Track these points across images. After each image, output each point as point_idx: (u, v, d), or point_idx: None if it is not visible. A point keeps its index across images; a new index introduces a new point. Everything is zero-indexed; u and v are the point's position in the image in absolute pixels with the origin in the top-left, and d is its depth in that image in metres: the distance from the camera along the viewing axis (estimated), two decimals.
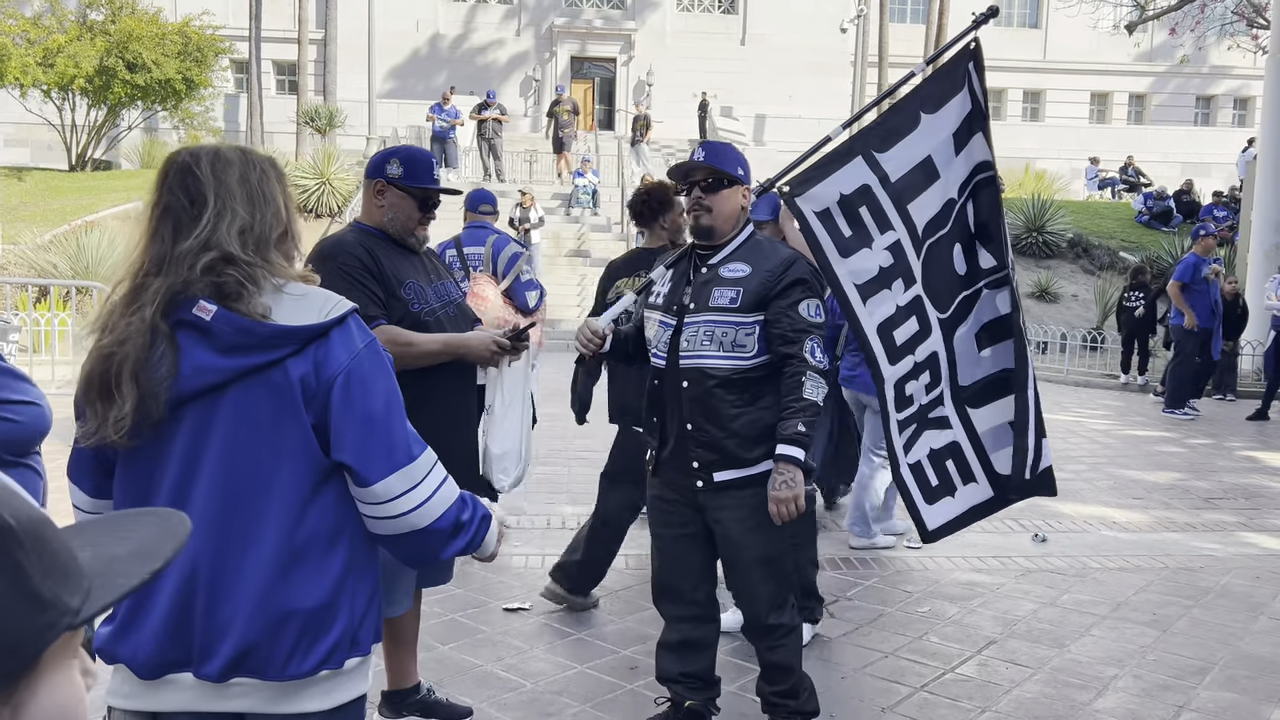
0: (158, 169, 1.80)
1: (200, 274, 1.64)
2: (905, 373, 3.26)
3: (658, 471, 3.11)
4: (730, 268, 2.97)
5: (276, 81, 29.95)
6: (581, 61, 32.14)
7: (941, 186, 3.24)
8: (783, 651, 3.09)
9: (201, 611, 1.65)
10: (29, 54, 19.11)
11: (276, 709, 1.68)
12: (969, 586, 4.96)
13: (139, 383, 1.62)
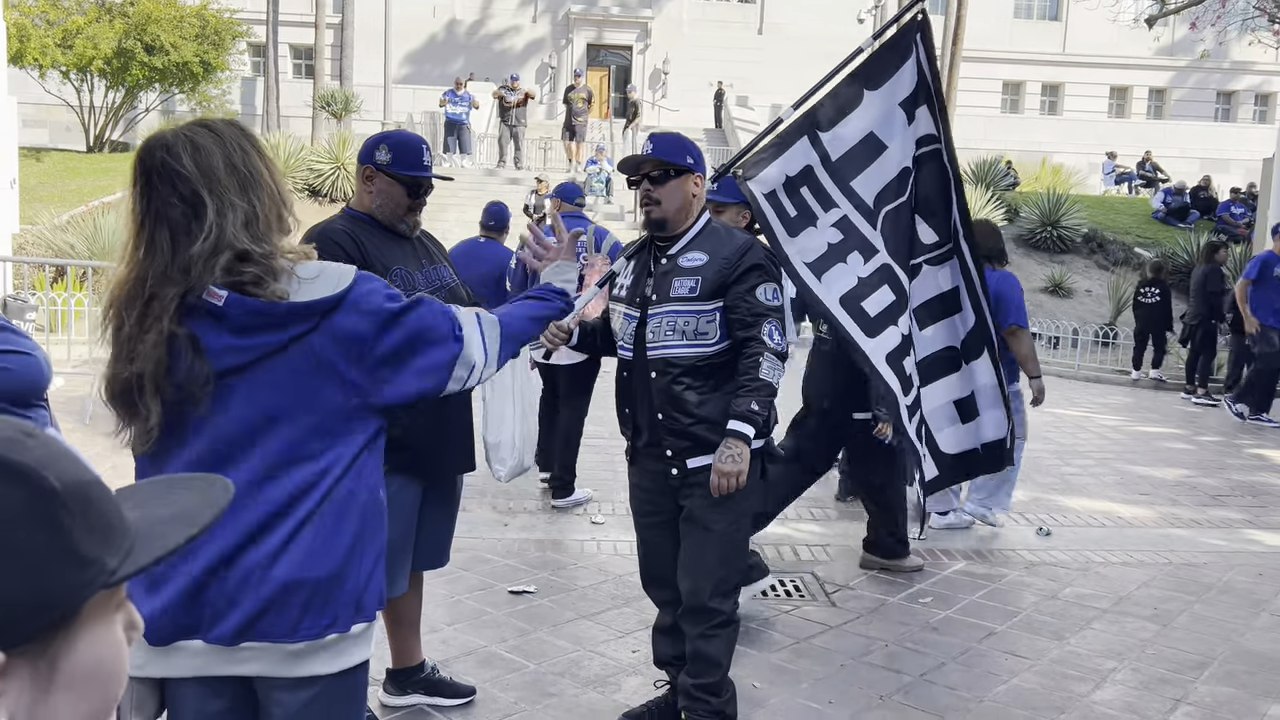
0: (131, 165, 1.71)
1: (220, 275, 1.64)
2: (895, 346, 3.23)
3: (635, 461, 3.16)
4: (688, 257, 2.98)
5: (293, 65, 30.01)
6: (598, 49, 32.08)
7: (891, 157, 3.23)
8: (716, 643, 3.05)
9: (219, 581, 1.68)
10: (48, 35, 19.21)
11: (285, 672, 1.72)
12: (970, 577, 4.99)
13: (163, 396, 1.65)
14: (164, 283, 1.64)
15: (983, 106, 32.37)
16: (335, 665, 1.75)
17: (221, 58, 21.60)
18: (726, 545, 3.01)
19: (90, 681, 0.70)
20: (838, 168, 3.24)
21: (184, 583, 1.68)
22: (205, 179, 1.65)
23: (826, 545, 5.41)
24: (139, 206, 1.68)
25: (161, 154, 1.67)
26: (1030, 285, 16.20)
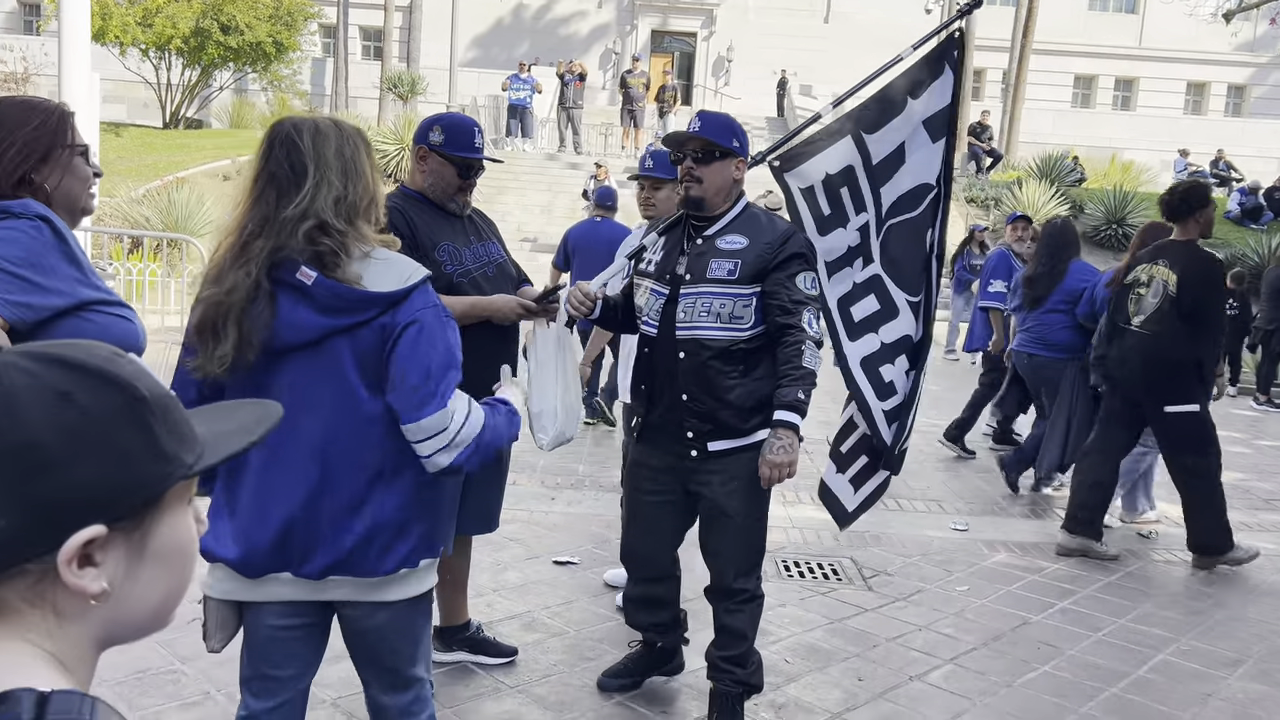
0: (263, 134, 2.02)
1: (301, 240, 1.88)
2: (872, 353, 3.27)
3: (642, 437, 3.17)
4: (727, 240, 2.97)
5: (362, 47, 30.51)
6: (662, 35, 32.11)
7: (911, 170, 3.28)
8: (740, 617, 3.12)
9: (302, 526, 1.93)
10: (129, 14, 19.80)
11: (363, 598, 2.01)
12: (1009, 569, 5.02)
13: (240, 327, 1.88)
14: (260, 232, 1.90)
15: (1052, 100, 31.76)
16: (406, 593, 2.04)
17: (293, 38, 22.05)
18: (749, 530, 3.08)
19: (171, 557, 0.85)
20: (876, 172, 3.28)
21: (275, 527, 1.93)
22: (315, 156, 1.93)
23: (867, 532, 5.47)
24: (259, 165, 1.96)
25: (289, 128, 1.96)
26: None
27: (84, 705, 0.74)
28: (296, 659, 2.06)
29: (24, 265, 1.88)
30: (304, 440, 1.92)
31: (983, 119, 21.17)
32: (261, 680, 2.06)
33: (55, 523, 0.76)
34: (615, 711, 3.32)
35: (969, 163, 20.74)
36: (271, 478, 1.94)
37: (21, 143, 1.97)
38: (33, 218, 1.93)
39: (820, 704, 3.46)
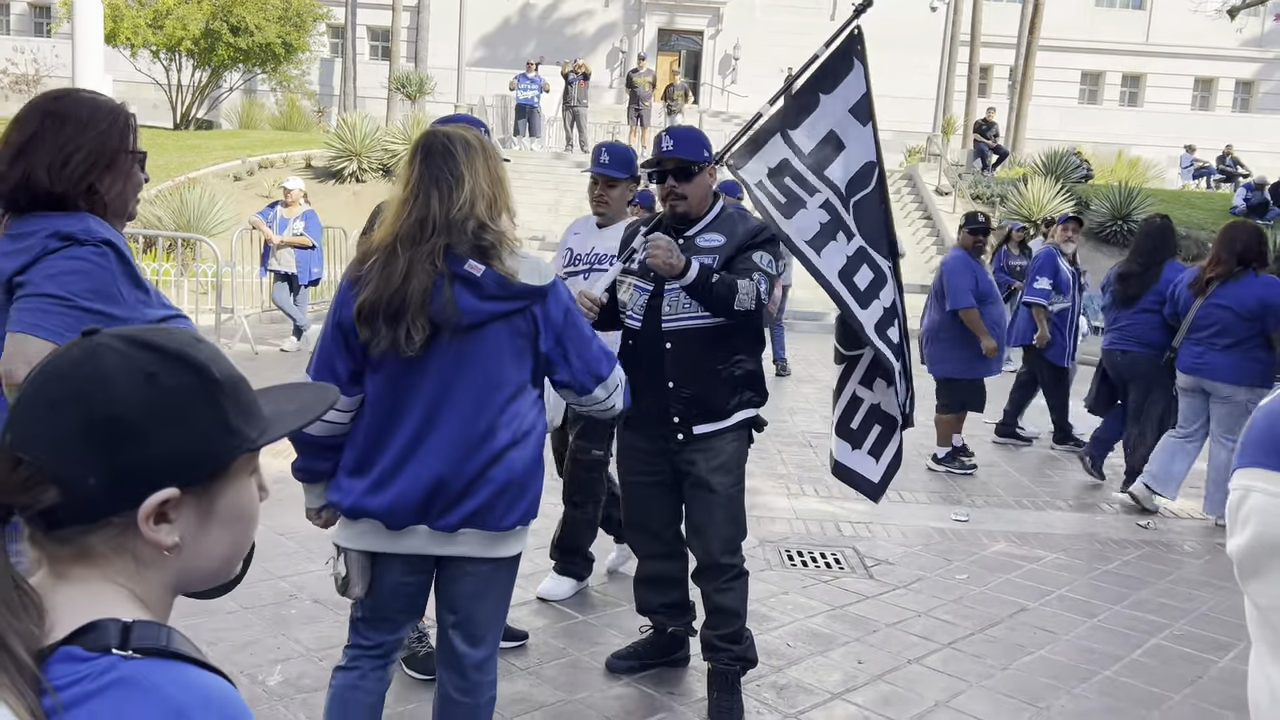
0: (415, 141, 2.29)
1: (470, 237, 2.17)
2: (880, 318, 3.46)
3: (629, 425, 3.36)
4: (706, 238, 3.20)
5: (370, 48, 30.67)
6: (669, 34, 32.20)
7: (853, 153, 3.49)
8: (730, 595, 3.27)
9: (450, 482, 2.21)
10: (140, 15, 19.99)
11: (485, 553, 2.29)
12: (1008, 558, 5.13)
13: (427, 312, 2.14)
14: (430, 230, 2.17)
15: (1059, 97, 31.79)
16: (517, 549, 2.36)
17: (302, 39, 22.24)
18: (730, 504, 3.25)
19: (235, 519, 0.98)
20: (811, 160, 3.50)
21: (426, 483, 2.20)
22: (469, 164, 2.22)
23: (869, 523, 5.59)
24: (419, 171, 2.22)
25: (444, 139, 2.24)
26: (1098, 280, 16.02)
27: (162, 632, 0.87)
28: (410, 607, 2.37)
29: (96, 298, 1.90)
30: (458, 409, 2.20)
31: (988, 115, 21.23)
32: (381, 620, 2.35)
33: (136, 484, 0.89)
34: (623, 692, 3.44)
35: (975, 159, 20.81)
36: (428, 439, 2.20)
37: (89, 149, 1.95)
38: (97, 244, 1.92)
39: (821, 685, 3.58)
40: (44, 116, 1.97)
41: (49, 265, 1.89)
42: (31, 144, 1.94)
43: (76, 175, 1.94)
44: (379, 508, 2.22)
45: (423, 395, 2.21)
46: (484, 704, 2.40)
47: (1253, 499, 1.21)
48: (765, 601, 4.32)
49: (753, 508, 5.68)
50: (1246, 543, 1.22)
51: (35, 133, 1.95)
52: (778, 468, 6.67)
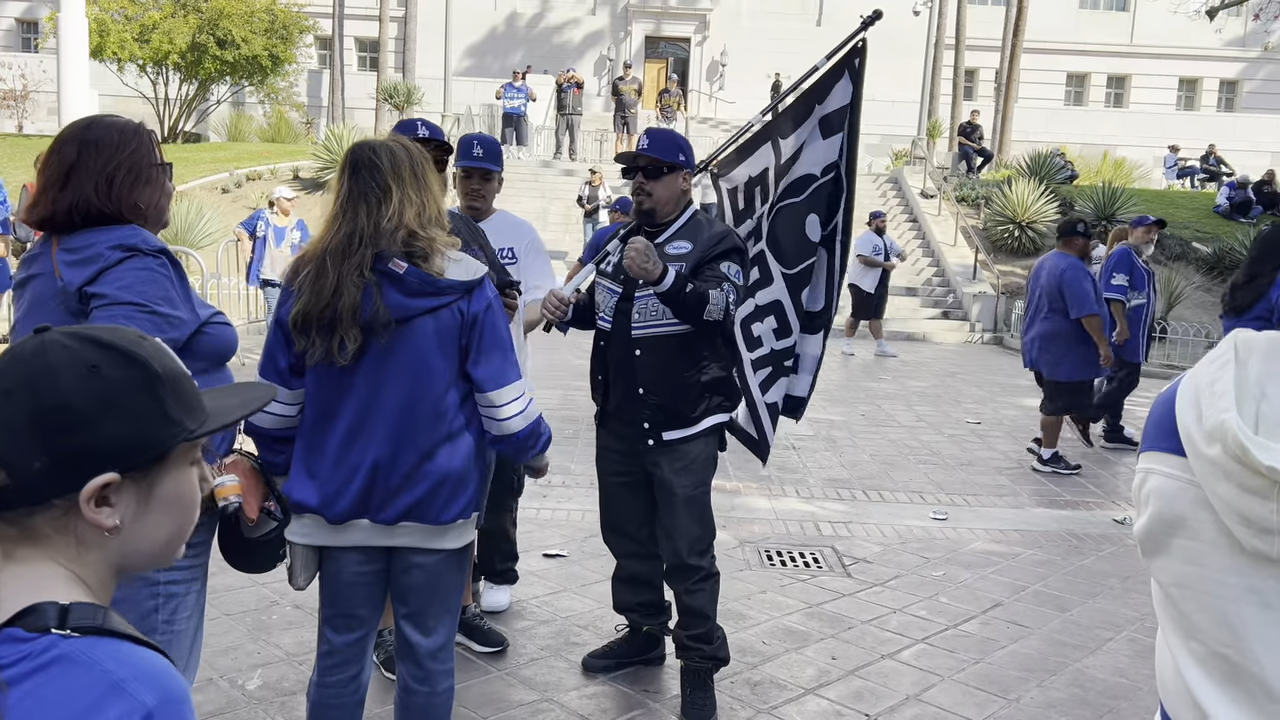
0: (344, 155, 2.35)
1: (400, 245, 2.24)
2: (749, 313, 3.63)
3: (604, 424, 3.44)
4: (674, 245, 3.24)
5: (358, 58, 30.75)
6: (656, 41, 32.34)
7: (801, 161, 3.61)
8: (700, 596, 3.32)
9: (384, 476, 2.28)
10: (126, 30, 20.03)
11: (427, 544, 2.34)
12: (985, 555, 5.20)
13: (360, 324, 2.22)
14: (359, 241, 2.24)
15: (1044, 99, 31.97)
16: (460, 542, 2.39)
17: (289, 51, 22.28)
18: (694, 506, 3.30)
19: (174, 505, 1.04)
20: (782, 169, 3.64)
21: (362, 478, 2.27)
22: (395, 175, 2.28)
23: (849, 523, 5.65)
24: (347, 185, 2.29)
25: (369, 153, 2.30)
26: None
27: (98, 612, 0.93)
28: (371, 600, 2.42)
29: (166, 303, 2.07)
30: (390, 404, 2.26)
31: (973, 118, 21.36)
32: (344, 618, 2.40)
33: (78, 468, 0.96)
34: (599, 690, 3.49)
35: (960, 162, 20.93)
36: (361, 435, 2.27)
37: (127, 167, 2.13)
38: (155, 253, 2.09)
39: (794, 681, 3.64)
40: (80, 145, 2.14)
41: (120, 276, 2.06)
42: (75, 170, 2.12)
43: (123, 193, 2.14)
44: (318, 502, 2.30)
45: (356, 393, 2.28)
46: (440, 692, 2.45)
47: (1151, 481, 1.28)
48: (742, 600, 4.38)
49: (733, 509, 5.78)
50: (1147, 523, 1.28)
51: (75, 160, 2.13)
52: (759, 470, 6.72)
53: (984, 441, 8.03)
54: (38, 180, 2.15)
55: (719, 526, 5.36)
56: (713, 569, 3.38)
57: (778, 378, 3.66)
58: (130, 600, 2.14)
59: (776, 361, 3.65)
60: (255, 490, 2.28)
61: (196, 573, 2.27)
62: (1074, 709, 3.53)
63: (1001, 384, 11.09)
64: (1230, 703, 1.22)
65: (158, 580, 2.17)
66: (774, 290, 3.64)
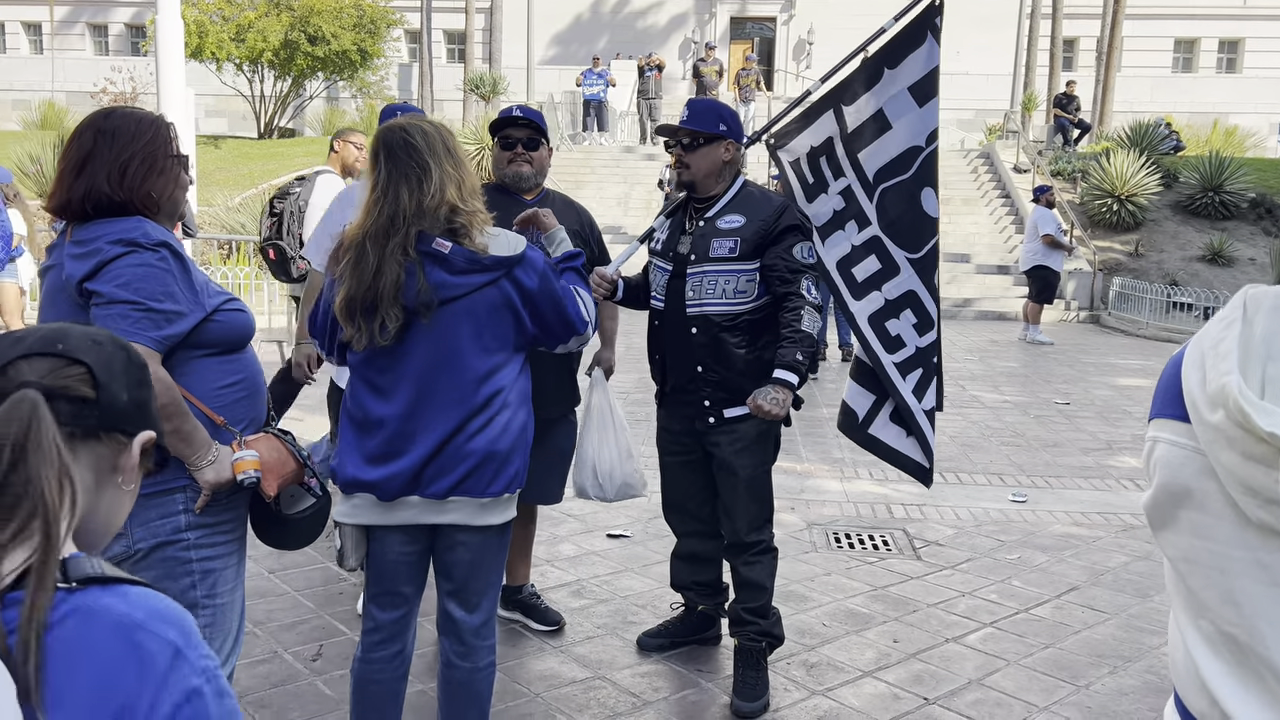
0: (372, 142, 2.37)
1: (443, 222, 2.26)
2: (877, 309, 3.42)
3: (664, 404, 3.41)
4: (726, 220, 3.18)
5: (447, 51, 31.20)
6: (742, 22, 31.96)
7: (896, 135, 3.40)
8: (758, 568, 3.29)
9: (439, 453, 2.32)
10: (223, 30, 20.72)
11: (474, 521, 2.39)
12: (1064, 538, 5.02)
13: (400, 304, 2.24)
14: (402, 219, 2.25)
15: (1149, 66, 30.55)
16: (504, 518, 2.44)
17: (377, 45, 22.74)
18: (754, 485, 3.26)
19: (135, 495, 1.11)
20: (850, 139, 3.44)
21: (419, 455, 2.31)
22: (431, 153, 2.29)
23: (923, 505, 5.52)
24: (385, 169, 2.30)
25: (402, 133, 2.30)
26: (1186, 254, 15.44)
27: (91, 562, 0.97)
28: (415, 578, 2.46)
29: (165, 298, 2.08)
30: (439, 381, 2.30)
31: (1069, 89, 20.58)
32: (389, 596, 2.44)
33: (143, 417, 1.10)
34: (652, 669, 3.49)
35: (1055, 135, 20.20)
36: (412, 413, 2.30)
37: (141, 157, 2.13)
38: (155, 246, 2.09)
39: (852, 663, 3.57)
40: (97, 134, 2.16)
41: (117, 273, 2.07)
42: (90, 159, 2.14)
43: (135, 183, 2.14)
44: (374, 480, 2.33)
45: (405, 372, 2.32)
46: (482, 668, 2.49)
47: (1158, 450, 1.20)
48: (805, 583, 4.32)
49: (803, 490, 5.71)
50: (1153, 494, 1.21)
51: (91, 149, 2.15)
52: (833, 451, 6.62)
53: (1072, 423, 7.75)
54: (57, 168, 2.19)
55: (788, 509, 5.36)
56: (771, 543, 3.35)
57: (931, 379, 3.49)
58: (165, 578, 2.21)
59: (925, 361, 3.47)
60: (283, 468, 2.32)
61: (233, 546, 2.33)
62: (1146, 696, 3.39)
63: (1095, 363, 10.70)
64: (1239, 685, 1.14)
65: (190, 559, 2.23)
66: (904, 280, 3.45)
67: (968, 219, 17.30)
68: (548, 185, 3.65)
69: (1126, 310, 14.07)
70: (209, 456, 2.17)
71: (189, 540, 2.22)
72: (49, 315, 2.22)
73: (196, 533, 2.22)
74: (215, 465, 2.18)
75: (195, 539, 2.22)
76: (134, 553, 2.18)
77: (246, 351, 2.37)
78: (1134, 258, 15.46)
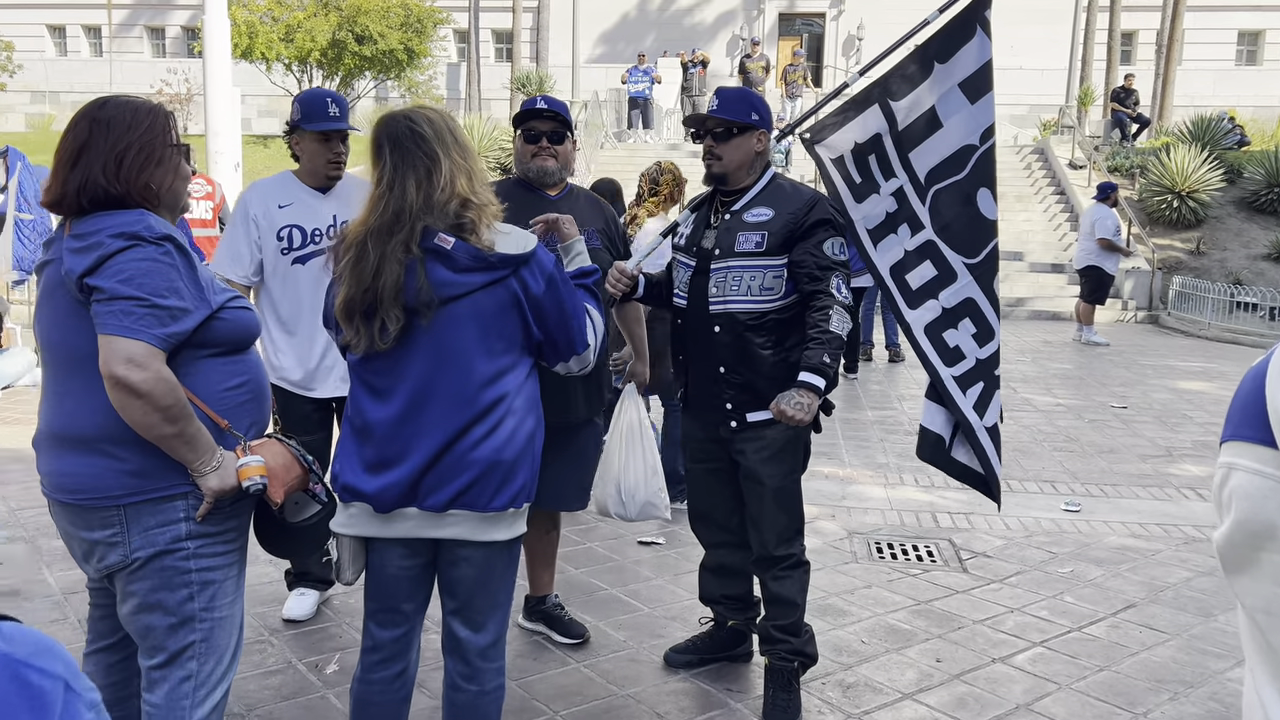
0: (374, 132, 2.20)
1: (451, 216, 2.12)
2: (934, 319, 3.22)
3: (687, 408, 3.23)
4: (753, 213, 3.01)
5: (495, 50, 31.27)
6: (791, 18, 31.61)
7: (948, 134, 3.20)
8: (788, 583, 3.11)
9: (437, 462, 2.16)
10: (273, 31, 20.91)
11: (476, 536, 2.22)
12: (1121, 551, 4.76)
13: (403, 304, 2.10)
14: (411, 217, 2.11)
15: (1212, 59, 29.62)
16: (510, 534, 2.27)
17: (424, 44, 22.79)
18: (782, 495, 3.08)
19: None
20: (901, 138, 3.25)
21: (415, 464, 2.15)
22: (440, 142, 2.16)
23: (970, 514, 5.29)
24: (390, 161, 2.15)
25: (406, 123, 2.17)
26: (1251, 252, 14.90)
27: None
28: (417, 594, 2.31)
29: (169, 294, 1.99)
30: (440, 385, 2.15)
31: (1127, 83, 19.98)
32: (388, 613, 2.30)
33: None
34: (679, 687, 3.33)
35: (1113, 130, 19.64)
36: (411, 418, 2.16)
37: (137, 147, 2.04)
38: (159, 240, 2.00)
39: (891, 684, 3.37)
40: (92, 124, 2.07)
41: (120, 267, 1.98)
42: (85, 150, 2.05)
43: (132, 174, 2.04)
44: (369, 490, 2.20)
45: (405, 375, 2.18)
46: (489, 692, 2.34)
47: (1235, 478, 1.01)
48: (844, 596, 4.13)
49: (845, 497, 5.51)
50: (1229, 531, 1.02)
51: (86, 140, 2.05)
52: (877, 456, 6.40)
53: (1129, 427, 7.44)
54: (53, 161, 2.09)
55: (828, 516, 5.16)
56: (802, 556, 3.17)
57: (992, 393, 3.29)
58: (162, 589, 2.10)
59: (986, 373, 3.28)
60: (288, 474, 2.21)
61: (235, 557, 2.22)
62: None
63: (1154, 365, 10.31)
64: None
65: (190, 569, 2.12)
66: (961, 287, 3.26)
67: (1021, 216, 16.87)
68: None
69: (1187, 310, 13.58)
70: (213, 462, 2.07)
71: (189, 550, 2.11)
72: (46, 311, 2.13)
73: (197, 542, 2.12)
74: (219, 471, 2.07)
75: (195, 548, 2.12)
76: (131, 561, 2.09)
77: (250, 352, 2.26)
78: (1195, 256, 14.94)
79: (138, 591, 2.11)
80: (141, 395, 1.95)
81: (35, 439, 2.18)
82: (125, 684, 2.31)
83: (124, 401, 1.97)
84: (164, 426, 2.00)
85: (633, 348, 3.64)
